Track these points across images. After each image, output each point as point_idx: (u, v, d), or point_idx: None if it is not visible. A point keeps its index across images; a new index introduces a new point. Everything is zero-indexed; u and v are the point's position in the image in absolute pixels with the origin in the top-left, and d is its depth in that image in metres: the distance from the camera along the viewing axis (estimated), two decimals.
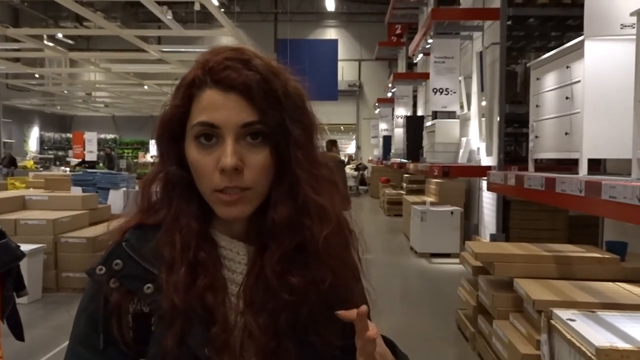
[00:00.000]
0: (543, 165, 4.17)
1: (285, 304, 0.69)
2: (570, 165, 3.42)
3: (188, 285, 0.67)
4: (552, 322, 2.30)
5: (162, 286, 0.68)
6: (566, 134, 2.94)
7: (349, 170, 17.87)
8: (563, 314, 2.29)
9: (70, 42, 18.16)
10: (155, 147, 0.76)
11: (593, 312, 2.35)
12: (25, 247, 3.62)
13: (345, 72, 21.03)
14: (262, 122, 0.68)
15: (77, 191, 6.52)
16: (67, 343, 0.73)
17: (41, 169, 15.78)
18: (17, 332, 3.27)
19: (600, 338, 2.00)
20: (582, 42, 2.70)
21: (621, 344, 1.93)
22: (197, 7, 11.83)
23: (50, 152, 20.96)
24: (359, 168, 18.20)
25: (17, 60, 11.91)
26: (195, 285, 0.68)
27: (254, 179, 0.68)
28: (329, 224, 0.71)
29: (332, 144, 6.64)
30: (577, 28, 2.67)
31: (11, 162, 14.40)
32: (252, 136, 0.68)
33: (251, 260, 0.72)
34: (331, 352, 0.71)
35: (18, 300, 3.36)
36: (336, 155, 6.70)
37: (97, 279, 0.70)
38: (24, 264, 3.51)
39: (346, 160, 19.47)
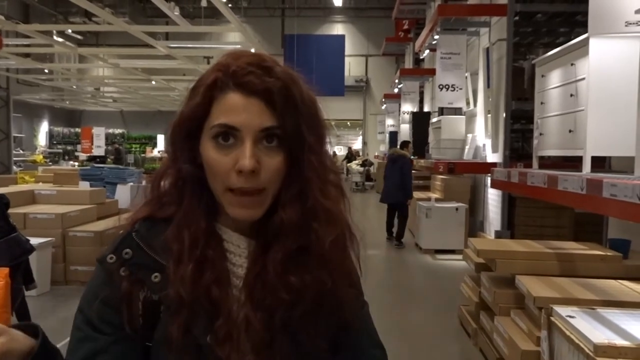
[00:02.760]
0: (549, 162, 4.17)
1: (282, 301, 0.72)
2: (576, 162, 3.42)
3: (195, 279, 0.70)
4: (552, 318, 2.32)
5: (169, 277, 0.71)
6: (570, 131, 2.94)
7: (355, 166, 17.88)
8: (563, 310, 2.30)
9: (79, 37, 18.26)
10: (167, 143, 0.78)
11: (593, 309, 2.37)
12: (34, 241, 3.68)
13: (352, 68, 20.99)
14: (280, 127, 0.71)
15: (85, 186, 6.59)
16: None
17: (50, 163, 15.92)
18: None
19: (599, 335, 2.01)
20: (586, 40, 2.70)
21: (619, 341, 1.95)
22: (204, 3, 11.85)
23: (59, 146, 21.12)
24: (365, 164, 18.19)
25: (27, 55, 11.99)
26: (202, 280, 0.71)
27: (269, 181, 0.71)
28: (335, 229, 0.75)
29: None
30: (585, 24, 2.66)
31: None
32: (268, 139, 0.71)
33: (252, 255, 0.75)
34: (317, 352, 0.75)
35: (27, 293, 3.44)
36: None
37: (108, 267, 0.73)
38: (33, 257, 3.58)
39: (353, 156, 19.47)
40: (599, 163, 3.26)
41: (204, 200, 0.74)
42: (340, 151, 21.42)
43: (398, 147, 8.19)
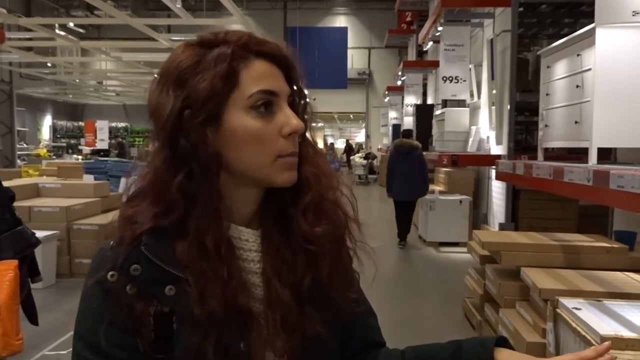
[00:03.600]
0: (554, 154, 4.15)
1: (307, 267, 0.73)
2: (581, 154, 3.40)
3: (218, 292, 0.66)
4: (558, 310, 2.31)
5: (185, 288, 0.66)
6: (576, 122, 2.92)
7: (357, 159, 17.86)
8: (569, 302, 2.30)
9: (81, 31, 18.23)
10: (166, 134, 0.67)
11: (599, 301, 2.36)
12: (39, 234, 3.69)
13: (355, 60, 20.91)
14: (293, 94, 0.74)
15: (89, 179, 6.60)
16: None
17: (54, 157, 15.95)
18: (32, 316, 3.35)
19: (605, 327, 2.01)
20: (593, 30, 2.67)
21: (626, 333, 1.94)
22: None
23: (63, 140, 21.16)
24: (368, 157, 18.17)
25: (29, 49, 11.98)
26: (227, 291, 0.67)
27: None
28: (334, 184, 0.78)
29: None
30: (590, 14, 2.63)
31: None
32: (289, 105, 0.73)
33: (264, 243, 0.74)
34: (350, 306, 0.77)
35: (33, 286, 3.45)
36: None
37: (110, 286, 0.65)
38: (38, 250, 3.59)
39: (356, 148, 19.43)
40: (605, 155, 3.24)
41: (217, 196, 0.68)
42: (343, 144, 21.38)
43: (401, 137, 7.39)
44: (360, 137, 22.83)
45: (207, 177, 0.67)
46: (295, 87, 0.74)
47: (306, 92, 0.78)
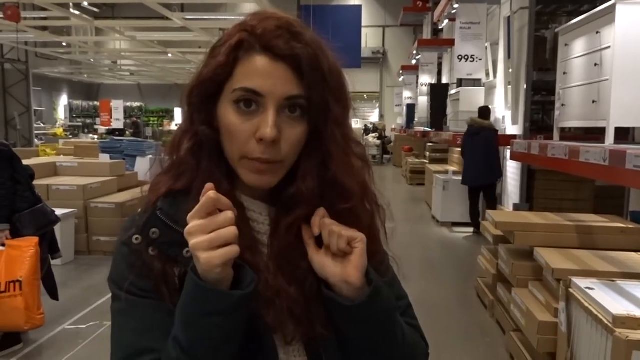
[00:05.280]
0: (570, 134, 4.09)
1: (308, 268, 0.71)
2: (598, 134, 3.35)
3: None
4: (571, 290, 2.31)
5: None
6: (594, 101, 2.88)
7: (371, 139, 17.77)
8: (582, 282, 2.30)
9: (95, 10, 18.24)
10: (183, 105, 0.74)
11: (613, 281, 2.36)
12: (57, 212, 3.76)
13: (369, 39, 20.66)
14: (305, 97, 0.68)
15: (105, 158, 6.69)
16: (99, 302, 0.73)
17: (70, 136, 16.14)
18: (52, 292, 3.45)
19: (618, 306, 2.01)
20: (613, 7, 2.61)
21: (639, 313, 1.94)
22: None
23: (79, 119, 21.37)
24: (383, 137, 18.07)
25: (45, 28, 12.05)
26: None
27: (288, 152, 0.69)
28: (351, 203, 0.73)
29: None
30: None
31: None
32: (292, 109, 0.68)
33: (274, 222, 0.74)
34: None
35: (52, 262, 3.54)
36: None
37: (136, 248, 0.70)
38: (57, 228, 3.68)
39: (372, 128, 19.29)
40: (623, 135, 3.18)
41: (222, 166, 0.72)
42: (357, 124, 21.25)
43: (477, 115, 6.62)
44: (374, 117, 22.67)
45: (210, 150, 0.72)
46: (309, 93, 0.68)
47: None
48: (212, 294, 0.61)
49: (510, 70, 6.60)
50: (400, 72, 16.82)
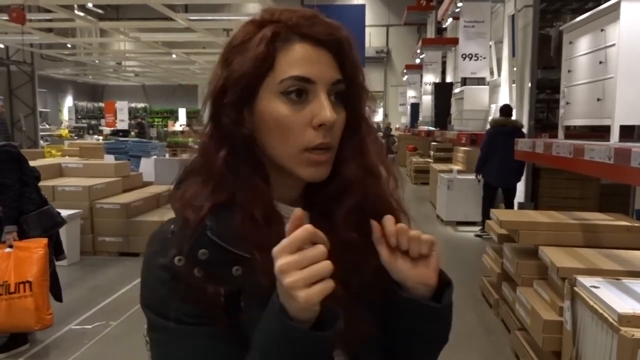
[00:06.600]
0: (575, 132, 4.08)
1: (354, 267, 0.68)
2: (602, 132, 3.34)
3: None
4: (576, 289, 2.31)
5: (250, 266, 0.65)
6: (598, 99, 2.87)
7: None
8: (587, 281, 2.29)
9: (100, 11, 18.30)
10: (211, 110, 0.69)
11: (618, 279, 2.35)
12: (63, 213, 3.79)
13: (373, 38, 20.62)
14: (346, 82, 0.68)
15: (110, 159, 6.72)
16: (105, 302, 0.68)
17: (75, 137, 16.21)
18: (57, 293, 3.47)
19: (624, 305, 2.00)
20: (618, 4, 2.61)
21: None
22: None
23: (84, 121, 21.46)
24: (387, 135, 18.05)
25: (50, 30, 12.10)
26: None
27: (336, 138, 0.68)
28: (380, 184, 0.73)
29: None
30: None
31: None
32: (335, 95, 0.67)
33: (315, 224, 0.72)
34: (393, 293, 0.72)
35: (58, 263, 3.56)
36: None
37: (179, 270, 0.65)
38: (62, 229, 3.69)
39: (383, 129, 19.27)
40: (628, 133, 3.17)
41: (260, 171, 0.68)
42: None
43: (499, 113, 6.31)
44: (378, 116, 22.68)
45: (247, 154, 0.68)
46: (348, 75, 0.68)
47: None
48: (308, 337, 0.57)
49: (515, 69, 6.59)
50: (404, 71, 16.81)
